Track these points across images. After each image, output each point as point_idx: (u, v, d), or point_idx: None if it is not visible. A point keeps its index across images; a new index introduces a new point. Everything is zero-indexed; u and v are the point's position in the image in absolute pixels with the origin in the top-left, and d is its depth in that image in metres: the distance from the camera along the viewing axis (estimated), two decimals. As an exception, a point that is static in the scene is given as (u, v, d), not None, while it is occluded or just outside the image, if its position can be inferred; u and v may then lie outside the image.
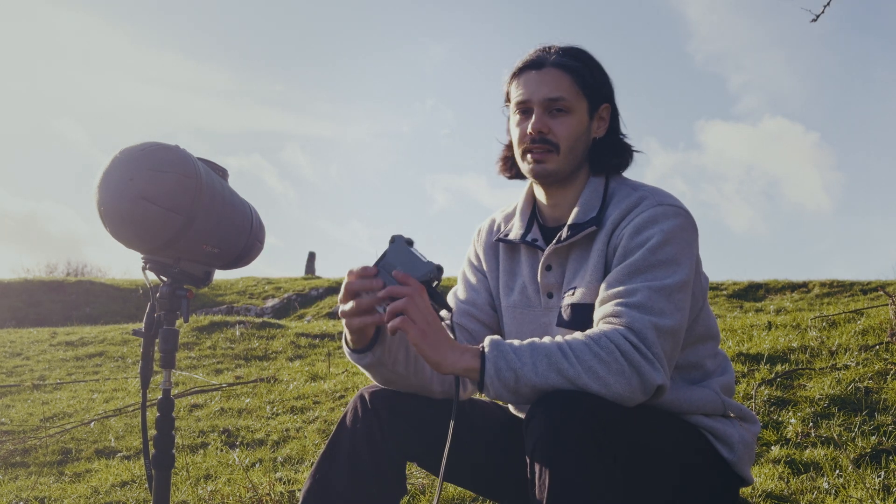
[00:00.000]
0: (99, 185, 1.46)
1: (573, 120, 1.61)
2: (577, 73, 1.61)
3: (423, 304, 1.40)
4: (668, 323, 1.46)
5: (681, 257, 1.52)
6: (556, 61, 1.61)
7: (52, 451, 3.72)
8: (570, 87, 1.60)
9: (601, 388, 1.39)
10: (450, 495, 2.52)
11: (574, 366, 1.39)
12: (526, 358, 1.40)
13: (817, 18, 3.76)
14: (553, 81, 1.60)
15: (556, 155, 1.61)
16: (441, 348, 1.41)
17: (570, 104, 1.60)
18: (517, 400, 1.43)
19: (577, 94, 1.61)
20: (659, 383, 1.43)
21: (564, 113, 1.60)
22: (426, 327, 1.39)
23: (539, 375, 1.39)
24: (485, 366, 1.41)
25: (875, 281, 9.16)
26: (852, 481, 2.29)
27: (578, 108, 1.61)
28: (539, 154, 1.61)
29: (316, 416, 3.96)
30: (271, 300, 14.19)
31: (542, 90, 1.60)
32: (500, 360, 1.41)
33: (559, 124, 1.60)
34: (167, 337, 1.56)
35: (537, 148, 1.61)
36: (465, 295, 1.80)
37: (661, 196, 1.59)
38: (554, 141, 1.60)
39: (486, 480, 1.70)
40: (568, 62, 1.61)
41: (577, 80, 1.61)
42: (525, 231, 1.71)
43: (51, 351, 6.98)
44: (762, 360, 3.56)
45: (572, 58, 1.62)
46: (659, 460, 1.50)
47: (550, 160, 1.61)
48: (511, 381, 1.40)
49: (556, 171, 1.63)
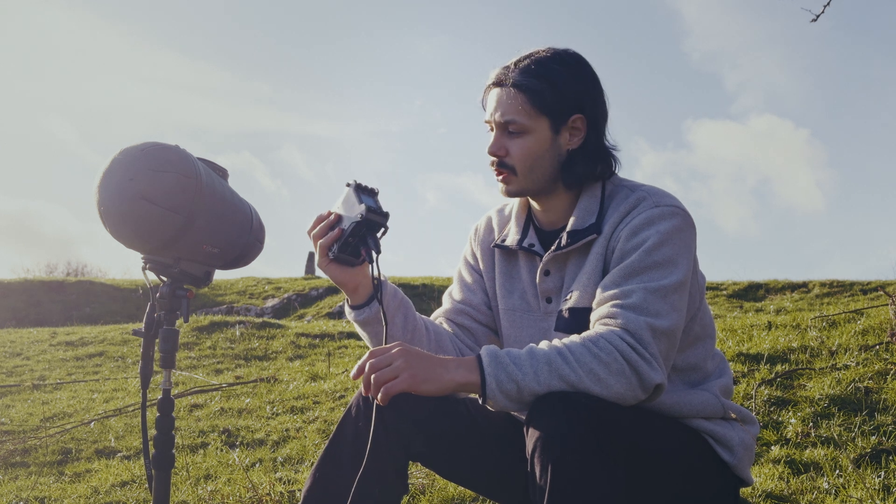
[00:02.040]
0: (99, 185, 1.46)
1: (529, 141, 1.60)
2: (533, 93, 1.58)
3: (385, 356, 1.40)
4: (663, 324, 1.46)
5: (677, 258, 1.52)
6: (516, 80, 1.59)
7: (52, 451, 3.72)
8: (524, 107, 1.58)
9: (602, 389, 1.39)
10: (450, 495, 2.52)
11: (575, 370, 1.39)
12: (526, 367, 1.40)
13: (817, 18, 3.76)
14: (507, 103, 1.59)
15: (515, 176, 1.62)
16: (433, 374, 1.40)
17: (524, 125, 1.59)
18: (521, 408, 1.43)
19: (531, 114, 1.58)
20: (657, 382, 1.43)
21: (519, 135, 1.60)
22: (409, 370, 1.39)
23: (541, 384, 1.39)
24: (485, 380, 1.40)
25: (875, 281, 9.16)
26: (852, 481, 2.29)
27: (536, 128, 1.59)
28: (500, 176, 1.63)
29: (316, 416, 3.96)
30: (271, 300, 14.19)
31: (496, 112, 1.61)
32: (500, 372, 1.40)
33: (514, 146, 1.60)
34: (167, 337, 1.56)
35: (498, 171, 1.63)
36: (462, 295, 1.80)
37: (658, 197, 1.58)
38: (510, 164, 1.61)
39: (487, 480, 1.70)
40: (525, 81, 1.58)
41: (534, 99, 1.58)
42: (522, 236, 1.71)
43: (51, 351, 6.98)
44: (762, 360, 3.56)
45: (532, 75, 1.58)
46: (660, 462, 1.50)
47: (511, 181, 1.63)
48: (513, 391, 1.40)
49: (521, 191, 1.64)
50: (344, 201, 1.58)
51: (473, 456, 1.66)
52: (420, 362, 1.40)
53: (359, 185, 1.57)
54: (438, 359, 1.42)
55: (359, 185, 1.57)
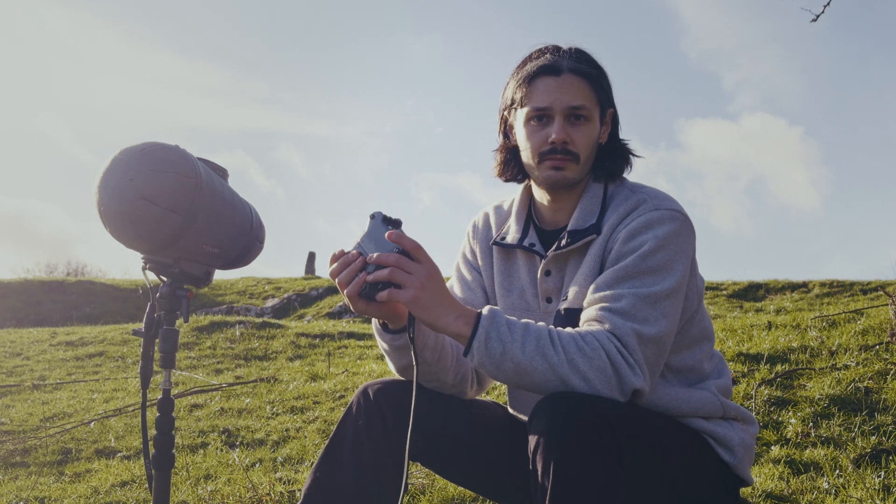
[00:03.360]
0: (99, 185, 1.46)
1: (591, 128, 1.60)
2: (593, 80, 1.59)
3: (412, 266, 1.41)
4: (650, 331, 1.46)
5: (673, 264, 1.52)
6: (573, 67, 1.59)
7: (52, 451, 3.72)
8: (589, 94, 1.59)
9: (580, 381, 1.40)
10: (450, 495, 2.52)
11: (559, 354, 1.40)
12: (518, 334, 1.41)
13: (817, 18, 3.76)
14: (574, 89, 1.58)
15: (576, 164, 1.60)
16: (434, 310, 1.42)
17: (590, 112, 1.59)
18: (496, 374, 1.43)
19: (594, 101, 1.60)
20: (637, 387, 1.43)
21: (584, 121, 1.59)
22: (417, 291, 1.40)
23: (525, 355, 1.40)
24: (476, 332, 1.41)
25: (875, 281, 9.16)
26: (852, 481, 2.29)
27: (594, 116, 1.61)
28: (560, 162, 1.59)
29: (316, 416, 3.96)
30: (271, 300, 14.19)
31: (565, 98, 1.57)
32: (492, 329, 1.41)
33: (579, 133, 1.59)
34: (167, 337, 1.56)
35: (559, 157, 1.59)
36: (463, 294, 1.79)
37: (658, 200, 1.58)
38: (574, 151, 1.59)
39: (487, 480, 1.70)
40: (584, 68, 1.59)
41: (595, 87, 1.60)
42: (522, 235, 1.71)
43: (51, 351, 6.98)
44: (762, 360, 3.56)
45: (587, 63, 1.61)
46: (661, 462, 1.50)
47: (570, 169, 1.60)
48: (497, 353, 1.40)
49: (574, 180, 1.62)
50: (368, 235, 1.47)
51: (473, 456, 1.66)
52: (432, 293, 1.41)
53: (385, 217, 1.48)
54: (449, 300, 1.44)
55: (385, 217, 1.48)
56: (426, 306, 1.41)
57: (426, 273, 1.41)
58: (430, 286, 1.41)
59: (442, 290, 1.43)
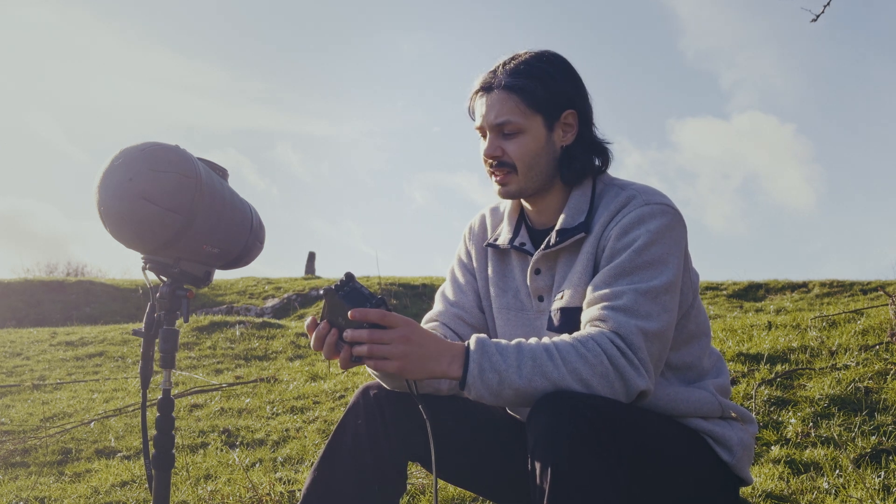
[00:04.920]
0: (99, 185, 1.46)
1: (525, 140, 1.61)
2: (525, 92, 1.59)
3: (387, 335, 1.38)
4: (654, 326, 1.46)
5: (668, 257, 1.53)
6: (503, 83, 1.61)
7: (52, 451, 3.73)
8: (517, 107, 1.60)
9: (584, 389, 1.40)
10: (450, 495, 2.52)
11: (559, 367, 1.39)
12: (511, 359, 1.40)
13: (817, 18, 3.75)
14: (499, 105, 1.60)
15: (516, 175, 1.62)
16: (423, 367, 1.40)
17: (519, 125, 1.60)
18: (498, 402, 1.43)
19: (526, 112, 1.60)
20: (642, 388, 1.43)
21: (514, 135, 1.61)
22: (400, 361, 1.38)
23: (523, 378, 1.39)
24: (468, 367, 1.40)
25: (875, 281, 9.17)
26: (852, 481, 2.29)
27: (531, 126, 1.61)
28: (500, 177, 1.63)
29: (316, 416, 3.96)
30: (271, 300, 14.19)
31: (490, 116, 1.61)
32: (484, 360, 1.40)
33: (513, 145, 1.61)
34: (167, 337, 1.56)
35: (497, 171, 1.63)
36: (455, 297, 1.80)
37: (648, 195, 1.58)
38: (510, 162, 1.62)
39: (487, 480, 1.70)
40: (514, 82, 1.60)
41: (526, 98, 1.60)
42: (513, 236, 1.72)
43: (51, 351, 6.98)
44: (762, 360, 3.56)
45: (521, 75, 1.60)
46: (660, 462, 1.50)
47: (511, 181, 1.63)
48: (494, 383, 1.40)
49: (521, 191, 1.64)
50: (331, 310, 1.44)
51: (473, 456, 1.66)
52: (415, 352, 1.39)
53: (338, 287, 1.43)
54: (433, 348, 1.41)
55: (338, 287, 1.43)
56: (414, 368, 1.39)
57: (402, 337, 1.39)
58: (410, 349, 1.39)
59: (423, 343, 1.41)
